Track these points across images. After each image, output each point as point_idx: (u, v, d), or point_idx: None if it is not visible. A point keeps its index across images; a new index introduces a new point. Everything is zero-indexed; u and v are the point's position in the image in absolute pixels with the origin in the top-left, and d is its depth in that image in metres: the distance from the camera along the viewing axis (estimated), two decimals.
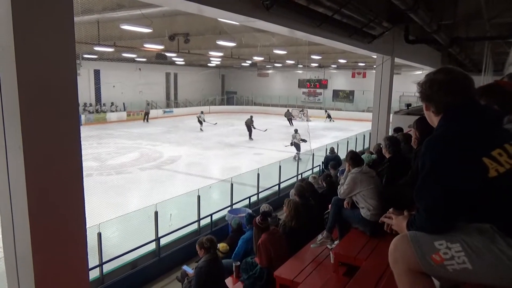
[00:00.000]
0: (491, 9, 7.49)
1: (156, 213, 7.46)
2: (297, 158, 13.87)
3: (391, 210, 1.77)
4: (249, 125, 22.33)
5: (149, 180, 13.01)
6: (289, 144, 17.09)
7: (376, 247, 3.63)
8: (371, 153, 6.64)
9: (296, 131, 17.34)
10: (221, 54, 21.16)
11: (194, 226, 8.39)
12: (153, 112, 32.41)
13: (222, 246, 5.63)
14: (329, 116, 31.59)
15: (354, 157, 4.13)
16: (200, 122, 25.77)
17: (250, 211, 7.97)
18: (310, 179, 6.88)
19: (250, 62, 27.57)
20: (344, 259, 3.66)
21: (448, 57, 17.24)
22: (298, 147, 16.31)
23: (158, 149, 18.57)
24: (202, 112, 27.12)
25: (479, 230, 1.38)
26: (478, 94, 1.59)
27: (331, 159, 11.44)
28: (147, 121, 29.98)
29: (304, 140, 15.92)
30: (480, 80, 12.61)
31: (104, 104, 30.60)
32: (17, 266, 2.39)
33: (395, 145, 4.40)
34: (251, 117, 22.89)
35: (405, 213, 1.71)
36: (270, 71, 40.32)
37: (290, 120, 28.42)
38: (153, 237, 7.36)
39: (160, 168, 14.71)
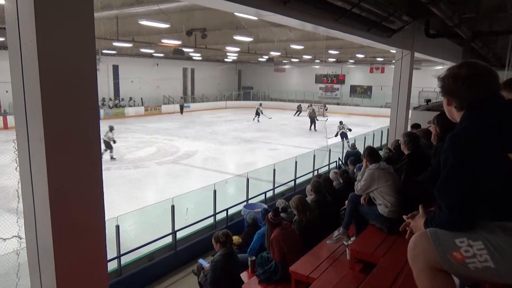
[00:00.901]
0: None
1: (172, 207, 7.54)
2: (348, 145, 14.00)
3: (409, 215, 1.73)
4: (258, 111, 25.51)
5: (166, 174, 13.15)
6: (336, 135, 18.54)
7: (393, 245, 3.59)
8: (389, 150, 6.55)
9: (341, 122, 19.17)
10: (237, 49, 21.16)
11: (210, 220, 8.45)
12: (170, 107, 32.72)
13: (234, 238, 5.66)
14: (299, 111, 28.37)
15: (372, 153, 4.08)
16: (258, 114, 27.31)
17: (265, 206, 7.98)
18: (331, 174, 6.84)
19: (266, 57, 27.50)
20: (360, 256, 3.63)
21: (470, 52, 16.83)
22: (345, 136, 17.71)
23: (175, 143, 18.72)
24: (260, 104, 28.91)
25: (502, 228, 1.34)
26: (500, 88, 1.54)
27: (352, 155, 11.33)
28: (182, 113, 31.64)
29: (350, 129, 17.46)
30: (504, 75, 12.28)
31: (122, 99, 31.05)
32: (39, 257, 2.46)
33: (414, 141, 4.33)
34: (260, 104, 25.78)
35: (420, 210, 1.67)
36: (286, 66, 40.14)
37: (313, 120, 24.11)
38: (170, 231, 7.45)
39: (177, 162, 14.84)
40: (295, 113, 29.90)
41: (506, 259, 1.31)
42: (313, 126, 23.87)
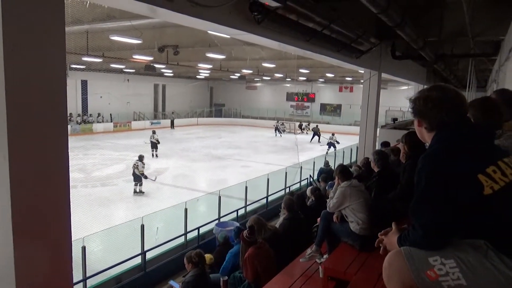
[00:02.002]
0: (475, 27, 7.71)
1: (142, 226, 7.34)
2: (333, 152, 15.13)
3: (382, 232, 1.75)
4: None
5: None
6: (325, 143, 20.44)
7: (365, 262, 3.62)
8: (359, 167, 6.67)
9: (333, 134, 21.26)
10: (210, 66, 21.24)
11: (180, 240, 8.28)
12: (140, 124, 32.21)
13: (207, 257, 5.56)
14: (317, 134, 28.04)
15: (343, 171, 4.14)
16: (279, 130, 29.15)
17: (237, 224, 7.90)
18: (308, 192, 6.86)
19: (238, 75, 27.76)
20: (333, 274, 3.63)
21: (433, 73, 17.63)
22: (333, 146, 19.32)
23: (145, 160, 18.26)
24: (282, 123, 30.82)
25: (473, 246, 1.38)
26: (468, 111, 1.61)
27: (326, 172, 11.47)
28: (173, 127, 32.88)
29: (338, 142, 18.38)
30: (465, 96, 12.87)
31: (90, 114, 30.30)
32: None
33: (384, 159, 4.43)
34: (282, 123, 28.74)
35: (393, 227, 1.69)
36: (258, 84, 40.58)
37: (316, 134, 26.95)
38: (139, 251, 7.21)
39: (147, 180, 14.52)
40: (278, 132, 29.81)
41: (477, 276, 1.34)
42: (317, 138, 26.48)
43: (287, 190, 11.88)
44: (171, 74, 31.71)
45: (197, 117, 38.08)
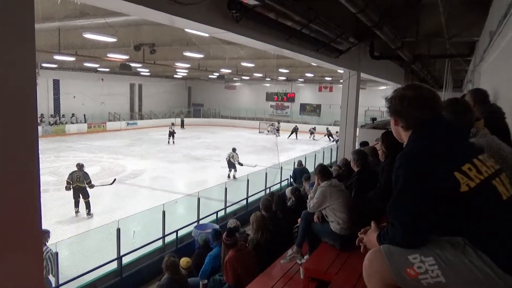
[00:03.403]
0: (451, 28, 7.93)
1: (118, 230, 7.21)
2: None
3: (362, 230, 1.78)
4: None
5: (111, 195, 12.58)
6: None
7: (346, 261, 3.66)
8: (339, 167, 6.75)
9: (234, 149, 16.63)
10: (188, 65, 21.08)
11: (158, 243, 8.18)
12: (115, 124, 31.69)
13: (182, 261, 5.50)
14: (330, 135, 28.50)
15: (323, 171, 4.17)
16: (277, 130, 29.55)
17: (217, 226, 7.87)
18: (287, 192, 6.89)
19: (217, 74, 27.64)
20: (314, 274, 3.65)
21: (411, 73, 18.03)
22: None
23: (121, 162, 18.08)
24: (278, 122, 31.69)
25: (451, 243, 1.41)
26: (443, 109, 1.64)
27: (299, 172, 11.55)
28: (183, 127, 33.51)
29: (240, 164, 15.74)
30: (441, 96, 13.22)
31: (63, 115, 29.57)
32: None
33: (363, 159, 4.49)
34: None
35: (373, 225, 1.72)
36: (237, 84, 40.56)
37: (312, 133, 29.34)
38: (115, 256, 7.08)
39: (123, 182, 14.28)
40: (291, 134, 29.64)
41: (455, 273, 1.37)
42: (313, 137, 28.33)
43: (268, 191, 11.91)
44: (148, 73, 31.31)
45: (175, 117, 37.79)
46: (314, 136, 29.38)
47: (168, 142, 24.43)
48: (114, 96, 32.79)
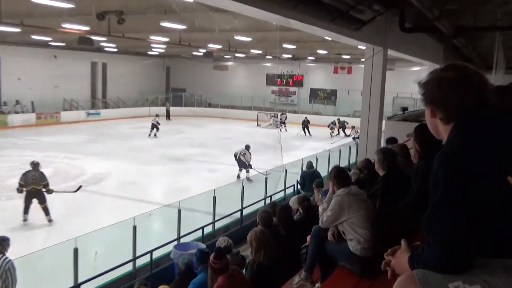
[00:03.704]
0: None
1: (75, 251, 7.21)
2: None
3: (389, 251, 1.77)
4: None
5: (67, 205, 12.55)
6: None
7: None
8: (360, 170, 6.76)
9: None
10: (166, 39, 21.05)
11: (128, 267, 8.19)
12: (72, 115, 31.66)
13: None
14: (342, 127, 29.49)
15: (340, 175, 4.17)
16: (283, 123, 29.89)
17: (203, 246, 7.87)
18: (292, 202, 6.89)
19: (204, 51, 27.59)
20: None
21: (452, 51, 18.04)
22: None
23: (79, 164, 18.05)
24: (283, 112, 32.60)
25: (504, 268, 1.40)
26: (493, 96, 1.63)
27: (308, 176, 11.54)
28: (169, 118, 34.22)
29: (249, 166, 16.48)
30: (490, 79, 13.27)
31: (4, 103, 29.48)
32: None
33: (391, 159, 4.49)
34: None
35: (403, 245, 1.72)
36: (230, 63, 40.57)
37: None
38: (71, 283, 7.09)
39: (82, 189, 14.26)
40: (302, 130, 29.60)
41: None
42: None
43: (268, 200, 11.92)
44: (115, 50, 31.22)
45: (149, 106, 37.71)
46: (339, 131, 29.21)
47: (149, 135, 25.58)
48: (71, 78, 32.69)
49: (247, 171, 16.20)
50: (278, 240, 5.34)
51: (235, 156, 16.71)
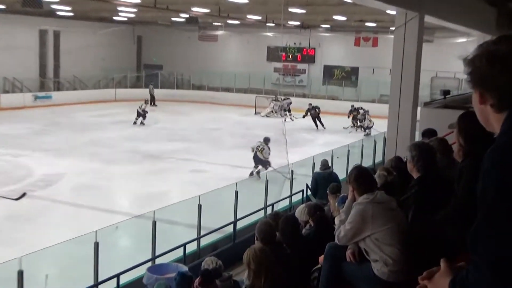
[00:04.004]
0: None
1: (20, 273, 7.23)
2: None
3: (425, 274, 1.78)
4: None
5: (7, 216, 12.59)
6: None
7: None
8: (388, 172, 6.78)
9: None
10: (137, 0, 20.97)
11: None
12: (15, 98, 31.53)
13: None
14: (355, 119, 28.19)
15: (362, 177, 4.19)
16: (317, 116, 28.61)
17: (184, 268, 7.89)
18: (299, 213, 6.90)
19: (186, 16, 27.52)
20: None
21: (509, 17, 18.02)
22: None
23: (25, 161, 18.07)
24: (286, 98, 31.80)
25: None
26: None
27: (324, 179, 11.54)
28: (154, 104, 34.44)
29: (267, 163, 17.03)
30: None
31: None
32: None
33: (428, 158, 4.51)
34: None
35: (442, 266, 1.73)
36: (220, 33, 40.46)
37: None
38: None
39: (28, 195, 14.28)
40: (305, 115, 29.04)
41: None
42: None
43: (269, 210, 11.94)
44: (70, 14, 31.08)
45: (115, 88, 37.62)
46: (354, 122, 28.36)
47: (135, 123, 26.95)
48: (13, 51, 32.54)
49: (265, 168, 16.75)
50: (282, 261, 5.36)
51: (252, 150, 17.29)
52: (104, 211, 12.98)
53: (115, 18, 34.18)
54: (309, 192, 12.72)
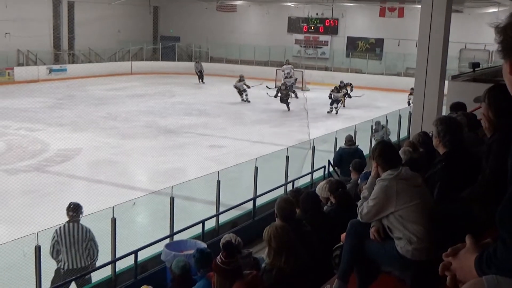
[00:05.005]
0: None
1: (37, 249, 7.36)
2: None
3: (449, 250, 1.78)
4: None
5: (24, 191, 12.77)
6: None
7: None
8: (413, 147, 6.76)
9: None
10: None
11: (106, 272, 8.33)
12: (30, 71, 31.64)
13: None
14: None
15: (386, 152, 4.18)
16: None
17: (203, 245, 7.96)
18: (319, 189, 6.92)
19: None
20: None
21: None
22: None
23: (40, 136, 18.25)
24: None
25: None
26: None
27: (348, 155, 11.52)
28: (202, 81, 34.40)
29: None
30: None
31: None
32: None
33: (455, 133, 4.49)
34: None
35: (468, 242, 1.73)
36: (238, 3, 40.23)
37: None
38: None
39: (43, 170, 14.44)
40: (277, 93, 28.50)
41: None
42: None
43: (289, 187, 11.97)
44: None
45: (131, 61, 37.67)
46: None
47: (242, 99, 27.22)
48: (27, 23, 32.66)
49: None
50: (303, 238, 5.38)
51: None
52: (121, 186, 13.12)
53: None
54: (331, 169, 12.74)
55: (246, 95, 27.05)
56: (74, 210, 8.06)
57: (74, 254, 7.86)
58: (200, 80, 33.98)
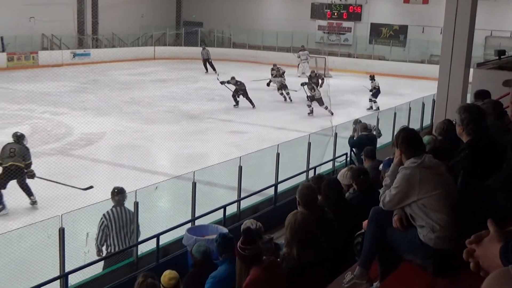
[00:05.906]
0: None
1: (61, 231, 7.45)
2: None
3: (472, 237, 1.76)
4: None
5: (49, 173, 12.89)
6: None
7: None
8: (436, 135, 6.72)
9: None
10: None
11: (128, 256, 8.42)
12: (54, 55, 31.82)
13: (166, 276, 5.67)
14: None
15: (409, 140, 4.15)
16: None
17: (225, 230, 7.99)
18: (341, 176, 6.91)
19: None
20: None
21: None
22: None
23: (64, 120, 18.46)
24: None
25: None
26: None
27: (366, 141, 11.51)
28: (214, 70, 31.64)
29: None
30: None
31: None
32: None
33: (479, 121, 4.45)
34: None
35: (492, 230, 1.72)
36: None
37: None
38: (56, 273, 7.36)
39: (67, 153, 14.58)
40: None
41: None
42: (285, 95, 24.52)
43: (311, 173, 11.97)
44: None
45: (154, 46, 37.74)
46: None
47: (285, 99, 24.28)
48: (51, 7, 32.82)
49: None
50: (324, 225, 5.39)
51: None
52: (144, 171, 13.22)
53: None
54: (353, 156, 12.72)
55: (288, 93, 24.18)
56: (119, 193, 8.45)
57: (123, 237, 8.27)
58: (213, 69, 31.69)
